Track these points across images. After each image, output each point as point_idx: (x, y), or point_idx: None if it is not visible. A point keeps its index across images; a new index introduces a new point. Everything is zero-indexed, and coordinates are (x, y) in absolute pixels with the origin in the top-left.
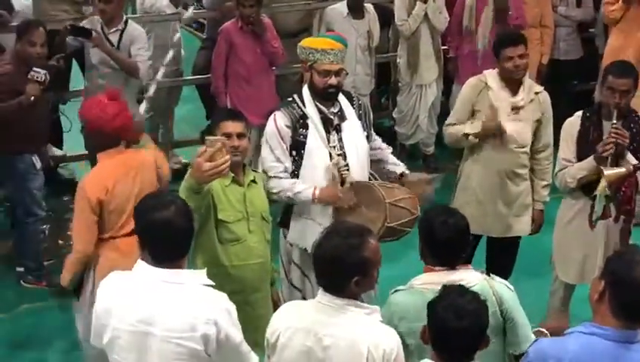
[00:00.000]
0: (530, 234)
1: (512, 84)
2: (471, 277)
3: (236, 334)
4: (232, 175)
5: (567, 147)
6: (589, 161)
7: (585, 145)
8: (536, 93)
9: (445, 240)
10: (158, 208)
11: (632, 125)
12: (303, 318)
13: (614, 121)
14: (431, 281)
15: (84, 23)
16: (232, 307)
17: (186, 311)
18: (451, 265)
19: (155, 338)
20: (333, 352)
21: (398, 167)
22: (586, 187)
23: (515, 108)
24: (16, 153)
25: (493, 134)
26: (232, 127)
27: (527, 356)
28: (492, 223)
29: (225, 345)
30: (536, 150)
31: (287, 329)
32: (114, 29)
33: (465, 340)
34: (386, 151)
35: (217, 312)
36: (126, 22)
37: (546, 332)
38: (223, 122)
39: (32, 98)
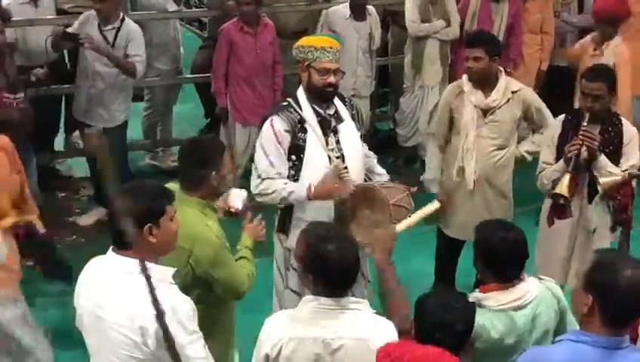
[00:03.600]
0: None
1: (483, 85)
2: (533, 286)
3: (180, 335)
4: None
5: (548, 149)
6: (561, 163)
7: (563, 148)
8: (514, 92)
9: (510, 258)
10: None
11: (610, 129)
12: (305, 327)
13: (584, 124)
14: (507, 300)
15: (79, 20)
16: (182, 307)
17: (129, 301)
18: (517, 278)
19: (105, 323)
20: (343, 354)
21: (382, 178)
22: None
23: (489, 109)
24: None
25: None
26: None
27: None
28: (469, 226)
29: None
30: (542, 132)
31: (289, 341)
32: (110, 26)
33: (447, 334)
34: (373, 160)
35: (159, 308)
36: (122, 19)
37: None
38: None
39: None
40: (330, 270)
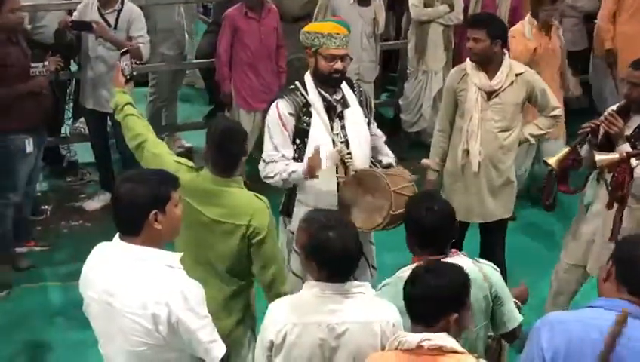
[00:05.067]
0: None
1: (487, 67)
2: (463, 263)
3: (192, 320)
4: None
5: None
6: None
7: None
8: (518, 75)
9: (433, 227)
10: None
11: None
12: (309, 313)
13: (613, 108)
14: None
15: (79, 7)
16: (193, 293)
17: (140, 289)
18: (441, 252)
19: (115, 311)
20: (348, 338)
21: (388, 158)
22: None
23: (493, 92)
24: (9, 132)
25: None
26: None
27: (534, 326)
28: (474, 209)
29: (178, 329)
30: (547, 114)
31: (294, 327)
32: (111, 9)
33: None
34: (380, 139)
35: (170, 294)
36: (122, 2)
37: (518, 302)
38: None
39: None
40: (333, 257)
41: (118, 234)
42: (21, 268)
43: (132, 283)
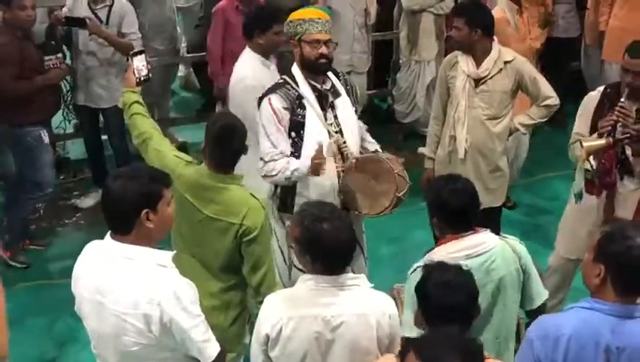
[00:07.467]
0: None
1: (474, 55)
2: (490, 239)
3: (185, 320)
4: None
5: (582, 121)
6: (595, 137)
7: (598, 120)
8: (507, 62)
9: (460, 206)
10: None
11: None
12: (304, 306)
13: (622, 100)
14: (458, 248)
15: (68, 3)
16: (186, 292)
17: (132, 288)
18: (470, 229)
19: (107, 310)
20: (343, 330)
21: (373, 144)
22: None
23: (481, 79)
24: (26, 125)
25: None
26: None
27: (527, 334)
28: None
29: (170, 329)
30: (539, 103)
31: (289, 321)
32: (102, 4)
33: (460, 313)
34: (363, 128)
35: (163, 294)
36: None
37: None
38: None
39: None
40: (327, 249)
41: (109, 233)
42: (16, 267)
43: (123, 282)
